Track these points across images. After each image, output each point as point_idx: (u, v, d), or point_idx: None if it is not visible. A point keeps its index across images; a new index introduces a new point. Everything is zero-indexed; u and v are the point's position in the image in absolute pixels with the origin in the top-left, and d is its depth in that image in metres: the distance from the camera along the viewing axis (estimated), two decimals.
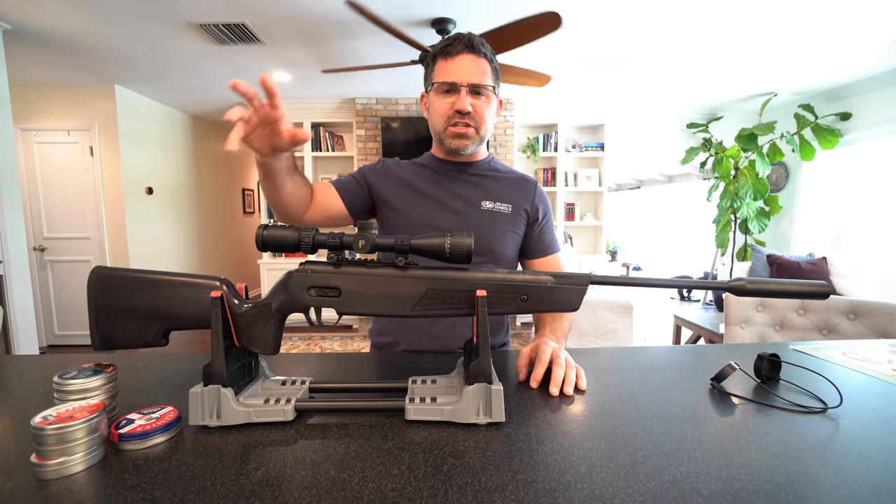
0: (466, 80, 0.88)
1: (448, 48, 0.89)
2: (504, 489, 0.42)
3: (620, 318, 2.28)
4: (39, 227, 3.72)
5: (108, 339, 0.58)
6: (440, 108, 0.91)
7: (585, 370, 0.75)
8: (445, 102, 0.90)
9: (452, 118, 0.90)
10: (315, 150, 4.42)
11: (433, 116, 0.94)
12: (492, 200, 0.97)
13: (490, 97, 0.91)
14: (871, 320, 1.47)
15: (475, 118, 0.91)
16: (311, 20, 2.53)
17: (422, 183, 0.98)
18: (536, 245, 1.01)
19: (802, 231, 4.29)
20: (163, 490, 0.42)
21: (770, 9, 2.40)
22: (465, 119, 0.90)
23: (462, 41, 0.88)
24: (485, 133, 0.94)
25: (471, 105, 0.88)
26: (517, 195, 0.99)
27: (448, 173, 0.99)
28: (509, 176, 1.02)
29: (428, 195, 0.97)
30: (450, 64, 0.89)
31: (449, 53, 0.89)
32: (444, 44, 0.90)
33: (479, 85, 0.89)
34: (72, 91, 3.62)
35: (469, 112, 0.89)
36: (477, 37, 0.90)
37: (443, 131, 0.92)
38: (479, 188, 0.98)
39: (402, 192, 0.98)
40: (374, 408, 0.58)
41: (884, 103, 3.48)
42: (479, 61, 0.89)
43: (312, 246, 0.57)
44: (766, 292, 0.55)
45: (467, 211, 0.96)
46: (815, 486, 0.42)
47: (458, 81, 0.88)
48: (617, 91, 3.95)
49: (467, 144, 0.93)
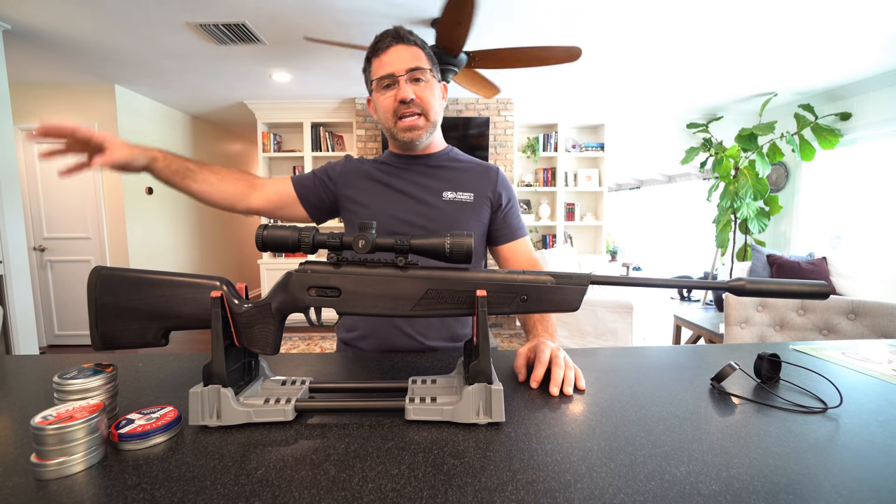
0: (403, 68, 0.88)
1: (378, 45, 0.90)
2: (504, 489, 0.42)
3: (620, 318, 2.28)
4: (39, 227, 3.72)
5: (108, 339, 0.58)
6: (384, 103, 0.91)
7: (585, 370, 0.75)
8: (388, 97, 0.90)
9: (398, 110, 0.90)
10: (315, 150, 4.42)
11: (380, 115, 0.94)
12: (453, 190, 0.97)
13: (430, 81, 0.92)
14: (871, 320, 1.47)
15: (420, 104, 0.90)
16: (311, 20, 2.53)
17: (384, 177, 0.99)
18: (502, 230, 1.01)
19: (802, 231, 4.29)
20: (163, 490, 0.42)
21: (770, 9, 2.40)
22: (411, 108, 0.90)
23: (389, 35, 0.90)
24: (434, 118, 0.94)
25: (412, 92, 0.89)
26: (479, 183, 0.99)
27: (408, 167, 0.99)
28: (470, 165, 1.02)
29: (391, 188, 0.98)
30: (383, 58, 0.89)
31: (380, 49, 0.90)
32: (373, 43, 0.91)
33: (416, 69, 0.89)
34: (72, 91, 3.62)
35: (412, 99, 0.89)
36: (404, 28, 0.91)
37: (393, 126, 0.92)
38: (440, 179, 0.98)
39: (365, 185, 0.99)
40: (374, 408, 0.58)
41: (884, 103, 3.48)
42: (411, 49, 0.90)
43: (312, 246, 0.57)
44: (766, 292, 0.55)
45: (430, 201, 0.96)
46: (815, 486, 0.42)
47: (394, 72, 0.88)
48: (617, 91, 3.95)
49: (420, 135, 0.93)
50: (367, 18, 2.50)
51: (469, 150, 4.23)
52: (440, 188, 0.97)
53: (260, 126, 4.43)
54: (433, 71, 0.93)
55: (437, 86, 0.95)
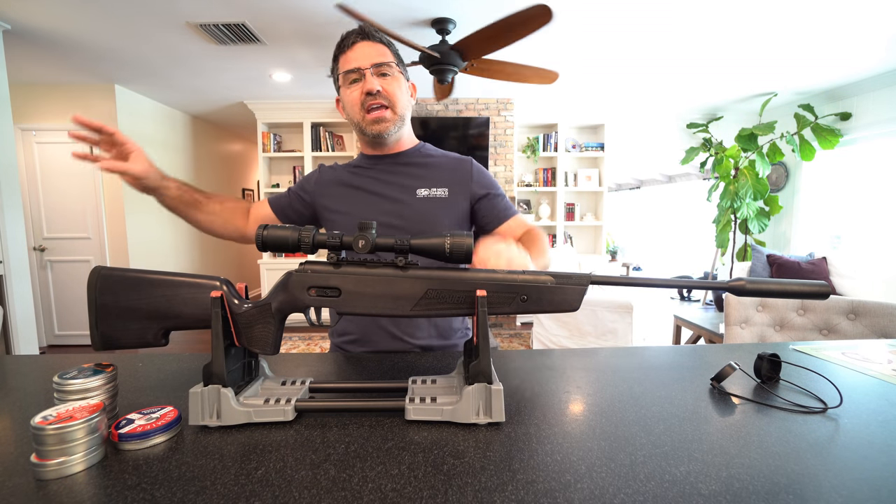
0: (368, 62, 0.89)
1: (343, 42, 0.91)
2: (504, 489, 0.42)
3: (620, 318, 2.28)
4: (39, 227, 3.72)
5: (108, 339, 0.58)
6: (351, 97, 0.91)
7: (585, 370, 0.75)
8: (355, 90, 0.90)
9: (365, 102, 0.90)
10: (315, 150, 4.42)
11: (348, 110, 0.94)
12: (427, 187, 0.96)
13: (397, 76, 0.92)
14: (871, 320, 1.47)
15: (386, 96, 0.91)
16: (311, 20, 2.53)
17: (357, 181, 0.99)
18: (489, 217, 0.99)
19: (802, 231, 4.29)
20: (163, 490, 0.42)
21: (770, 9, 2.40)
22: (378, 99, 0.90)
23: (355, 32, 0.91)
24: (402, 111, 0.94)
25: (379, 85, 0.89)
26: (452, 177, 0.98)
27: (379, 167, 0.99)
28: (442, 160, 1.01)
29: (363, 190, 0.97)
30: (349, 54, 0.90)
31: (346, 46, 0.90)
32: (339, 42, 0.92)
33: (381, 63, 0.90)
34: (72, 91, 3.62)
35: (379, 90, 0.89)
36: (368, 25, 0.93)
37: (361, 120, 0.92)
38: (413, 177, 0.98)
39: (338, 191, 0.99)
40: (374, 408, 0.58)
41: (884, 103, 3.48)
42: (377, 45, 0.91)
43: (312, 246, 0.57)
44: (766, 292, 0.55)
45: (403, 200, 0.95)
46: (815, 486, 0.42)
47: (360, 66, 0.89)
48: (617, 91, 3.95)
49: (388, 127, 0.92)
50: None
51: (469, 150, 4.24)
52: (413, 185, 0.96)
53: (260, 126, 4.43)
54: (399, 66, 0.93)
55: (405, 82, 0.95)
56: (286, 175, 4.69)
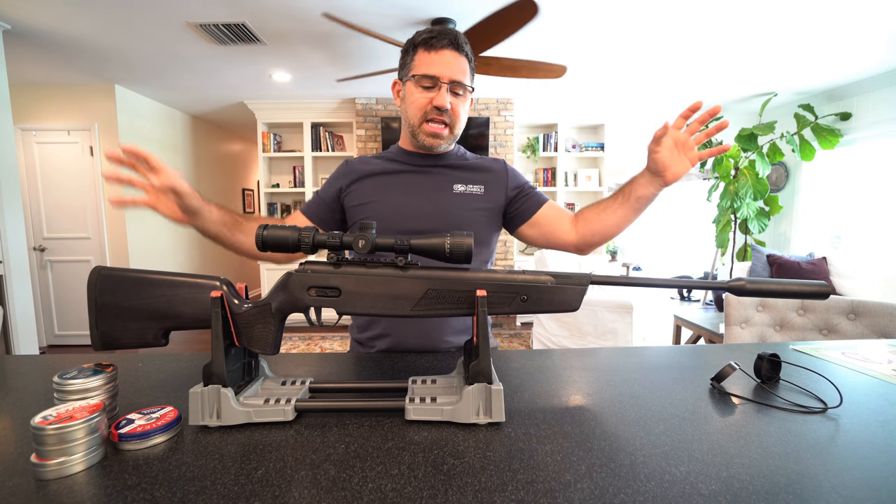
0: (449, 77, 0.87)
1: (433, 41, 0.87)
2: (504, 489, 0.42)
3: (620, 318, 2.28)
4: (39, 227, 3.72)
5: (108, 339, 0.58)
6: (418, 101, 0.90)
7: (585, 370, 0.75)
8: (424, 97, 0.89)
9: (430, 113, 0.89)
10: (315, 150, 4.42)
11: (409, 108, 0.92)
12: (463, 183, 0.97)
13: (467, 96, 0.92)
14: (871, 320, 1.47)
15: (451, 116, 0.90)
16: (311, 20, 2.53)
17: (392, 173, 0.98)
18: (526, 207, 0.99)
19: (802, 231, 4.29)
20: (163, 490, 0.42)
21: (770, 9, 2.40)
22: (443, 116, 0.89)
23: (447, 37, 0.88)
24: (458, 132, 0.95)
25: (450, 103, 0.88)
26: (489, 178, 0.99)
27: (417, 166, 0.99)
28: (478, 162, 1.03)
29: (398, 183, 0.97)
30: (433, 57, 0.87)
31: (433, 46, 0.87)
32: (427, 35, 0.88)
33: (459, 83, 0.88)
34: (72, 91, 3.62)
35: (447, 109, 0.88)
36: (461, 35, 0.90)
37: (417, 126, 0.91)
38: (450, 175, 0.98)
39: (371, 182, 0.97)
40: (374, 408, 0.58)
41: (884, 103, 3.47)
42: (461, 59, 0.89)
43: (312, 246, 0.57)
44: (766, 292, 0.55)
45: (440, 194, 0.95)
46: (815, 486, 0.42)
47: (440, 76, 0.87)
48: (617, 91, 3.94)
49: (441, 143, 0.93)
50: (369, 18, 2.50)
51: (469, 149, 4.22)
52: (450, 182, 0.97)
53: (260, 126, 4.43)
54: (471, 88, 0.93)
55: (469, 100, 0.95)
56: (286, 175, 4.68)
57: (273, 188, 4.56)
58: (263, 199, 4.59)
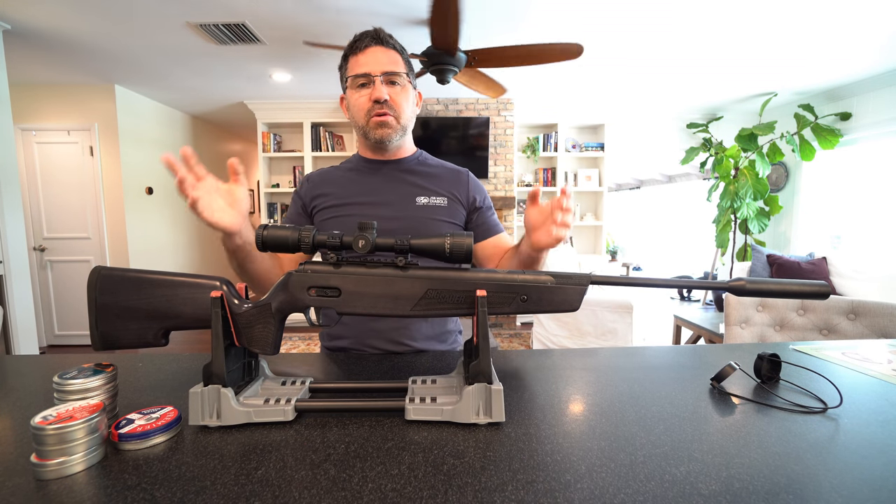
0: (379, 70, 0.89)
1: (357, 44, 0.90)
2: (504, 489, 0.42)
3: (620, 318, 2.28)
4: (39, 227, 3.72)
5: (108, 339, 0.58)
6: (358, 102, 0.91)
7: (585, 370, 0.75)
8: (362, 95, 0.90)
9: (372, 110, 0.90)
10: (315, 150, 4.42)
11: (353, 113, 0.94)
12: (426, 195, 0.97)
13: (405, 86, 0.92)
14: (871, 320, 1.47)
15: (393, 106, 0.91)
16: (311, 20, 2.53)
17: (352, 185, 0.98)
18: (479, 230, 1.00)
19: (802, 231, 4.29)
20: (163, 490, 0.42)
21: (770, 9, 2.40)
22: (384, 108, 0.90)
23: (369, 35, 0.90)
24: (406, 122, 0.94)
25: (387, 94, 0.89)
26: (450, 187, 0.99)
27: (378, 172, 0.99)
28: (440, 170, 1.02)
29: (360, 196, 0.96)
30: (361, 58, 0.90)
31: (358, 48, 0.90)
32: (352, 41, 0.91)
33: (392, 73, 0.89)
34: (72, 91, 3.62)
35: (386, 100, 0.89)
36: (383, 30, 0.92)
37: (365, 124, 0.92)
38: (412, 185, 0.98)
39: (332, 199, 0.97)
40: (374, 408, 0.58)
41: (884, 103, 3.47)
42: (389, 52, 0.90)
43: (312, 246, 0.57)
44: (766, 292, 0.55)
45: (402, 207, 0.95)
46: (815, 486, 0.42)
47: (370, 72, 0.89)
48: (617, 91, 3.94)
49: (390, 134, 0.93)
50: (368, 18, 2.50)
51: (469, 150, 4.24)
52: (412, 193, 0.97)
53: (260, 126, 4.42)
54: (409, 76, 0.94)
55: (412, 92, 0.96)
56: (286, 175, 4.68)
57: (273, 188, 4.56)
58: (263, 199, 4.59)
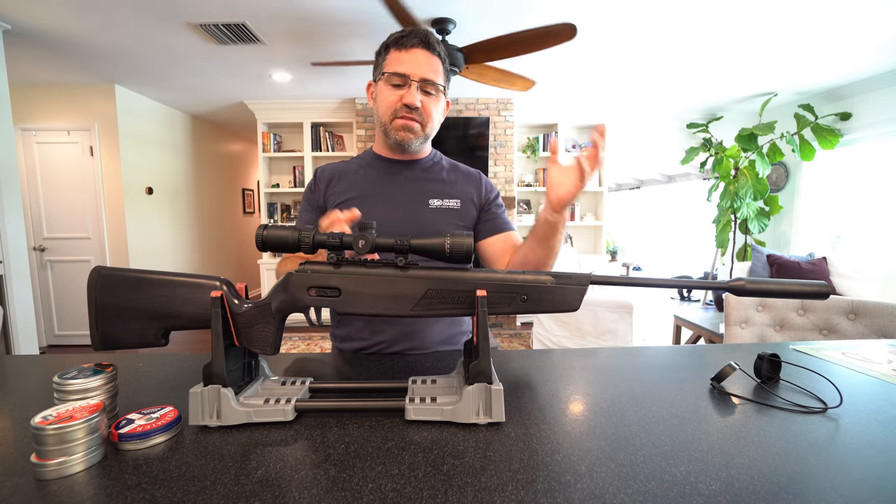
0: (419, 75, 0.86)
1: (403, 40, 0.87)
2: (504, 489, 0.42)
3: (620, 318, 2.28)
4: (39, 227, 3.72)
5: (108, 339, 0.58)
6: (388, 99, 0.89)
7: (585, 370, 0.75)
8: (394, 94, 0.88)
9: (399, 111, 0.88)
10: (315, 150, 4.42)
11: (380, 107, 0.91)
12: (439, 198, 0.96)
13: (439, 96, 0.91)
14: (871, 320, 1.47)
15: (422, 114, 0.89)
16: (311, 20, 2.53)
17: (365, 184, 0.96)
18: (489, 225, 0.99)
19: (802, 231, 4.29)
20: (163, 490, 0.42)
21: (770, 9, 2.40)
22: (413, 115, 0.89)
23: (418, 36, 0.87)
24: (430, 131, 0.93)
25: (420, 101, 0.87)
26: (465, 189, 0.99)
27: (392, 172, 0.97)
28: (455, 172, 1.02)
29: (373, 196, 0.95)
30: (403, 56, 0.87)
31: (403, 45, 0.87)
32: (399, 35, 0.88)
33: (430, 81, 0.88)
34: (72, 91, 3.62)
35: (417, 107, 0.87)
36: (433, 34, 0.89)
37: (389, 122, 0.90)
38: (426, 187, 0.97)
39: (345, 195, 0.95)
40: (374, 408, 0.58)
41: (884, 103, 3.47)
42: (433, 59, 0.88)
43: (312, 246, 0.57)
44: (766, 292, 0.55)
45: (415, 210, 0.94)
46: (815, 486, 0.42)
47: (409, 74, 0.86)
48: (617, 91, 3.94)
49: (412, 139, 0.91)
50: (368, 18, 2.50)
51: (469, 150, 4.23)
52: (426, 196, 0.96)
53: (260, 126, 4.42)
54: (445, 88, 0.92)
55: (443, 101, 0.94)
56: (286, 175, 4.68)
57: (273, 188, 4.56)
58: (263, 199, 4.59)
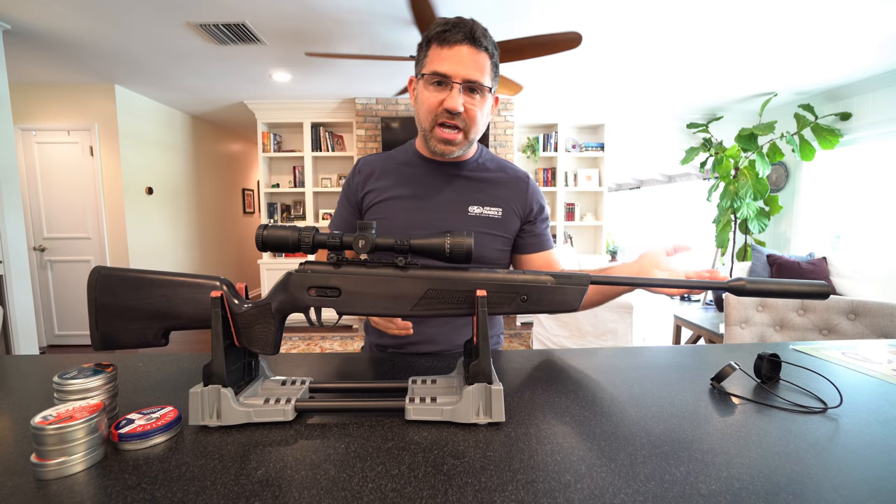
0: (461, 76, 0.78)
1: (446, 34, 0.79)
2: (504, 489, 0.42)
3: (620, 318, 2.28)
4: (39, 227, 3.72)
5: (108, 339, 0.58)
6: (428, 101, 0.82)
7: (585, 370, 0.75)
8: (435, 97, 0.81)
9: (440, 116, 0.82)
10: (315, 150, 4.42)
11: (420, 109, 0.85)
12: (480, 205, 0.90)
13: (485, 97, 0.83)
14: (871, 320, 1.47)
15: (465, 119, 0.82)
16: (311, 20, 2.53)
17: (404, 184, 0.92)
18: (529, 240, 0.95)
19: (802, 231, 4.29)
20: (163, 490, 0.42)
21: (770, 9, 2.40)
22: (455, 120, 0.82)
23: (463, 30, 0.78)
24: (474, 136, 0.86)
25: (462, 104, 0.80)
26: (508, 196, 0.93)
27: (433, 174, 0.92)
28: (500, 175, 0.95)
29: (410, 198, 0.91)
30: (445, 52, 0.79)
31: (446, 41, 0.79)
32: (442, 28, 0.79)
33: (474, 82, 0.80)
34: (72, 91, 3.62)
35: (459, 113, 0.80)
36: (480, 26, 0.80)
37: (429, 129, 0.84)
38: (466, 192, 0.91)
39: (383, 195, 0.92)
40: (374, 408, 0.58)
41: (884, 103, 3.47)
42: (479, 55, 0.79)
43: (312, 246, 0.57)
44: (766, 292, 0.55)
45: (453, 216, 0.90)
46: (815, 486, 0.42)
47: (451, 75, 0.78)
48: (617, 91, 3.94)
49: (453, 150, 0.86)
50: (368, 18, 2.50)
51: None
52: (466, 202, 0.90)
53: (260, 126, 4.42)
54: (492, 86, 0.83)
55: (490, 100, 0.86)
56: (286, 175, 4.68)
57: (273, 188, 4.56)
58: (263, 199, 4.59)
